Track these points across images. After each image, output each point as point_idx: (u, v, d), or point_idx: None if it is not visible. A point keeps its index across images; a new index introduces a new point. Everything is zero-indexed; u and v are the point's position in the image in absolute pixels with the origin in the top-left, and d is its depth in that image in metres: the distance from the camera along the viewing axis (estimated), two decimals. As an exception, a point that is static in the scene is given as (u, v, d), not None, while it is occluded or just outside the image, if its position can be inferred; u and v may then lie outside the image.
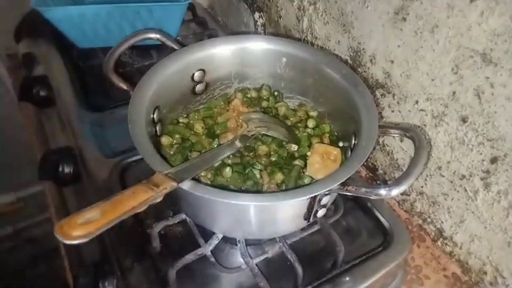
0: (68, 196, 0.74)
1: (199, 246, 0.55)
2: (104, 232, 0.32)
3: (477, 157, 0.52)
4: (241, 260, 0.55)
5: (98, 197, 0.35)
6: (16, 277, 1.58)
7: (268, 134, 0.58)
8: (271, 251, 0.57)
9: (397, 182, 0.42)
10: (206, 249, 0.55)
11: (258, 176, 0.54)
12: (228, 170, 0.52)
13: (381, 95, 0.65)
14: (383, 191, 0.41)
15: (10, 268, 1.62)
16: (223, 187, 0.52)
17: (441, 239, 0.63)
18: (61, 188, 0.74)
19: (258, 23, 0.95)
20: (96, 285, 0.52)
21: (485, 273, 0.57)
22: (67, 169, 0.71)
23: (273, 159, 0.57)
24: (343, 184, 0.43)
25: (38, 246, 1.67)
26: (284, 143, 0.58)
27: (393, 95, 0.62)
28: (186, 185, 0.41)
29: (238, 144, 0.54)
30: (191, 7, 1.08)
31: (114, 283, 0.53)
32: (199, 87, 0.62)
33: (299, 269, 0.52)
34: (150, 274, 0.54)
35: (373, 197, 0.42)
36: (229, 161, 0.55)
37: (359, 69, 0.67)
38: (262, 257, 0.56)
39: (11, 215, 1.60)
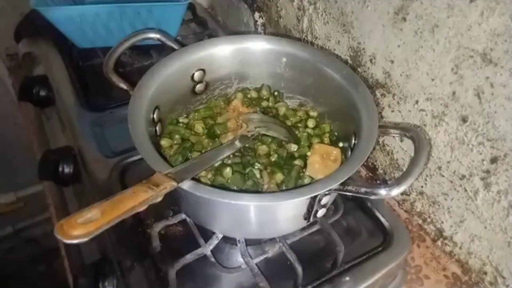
0: (68, 196, 0.74)
1: (199, 246, 0.55)
2: (104, 232, 0.32)
3: (477, 157, 0.52)
4: (241, 260, 0.55)
5: (98, 197, 0.35)
6: (16, 277, 1.58)
7: (268, 134, 0.58)
8: (271, 251, 0.57)
9: (397, 182, 0.42)
10: (206, 249, 0.55)
11: (258, 176, 0.54)
12: (228, 170, 0.52)
13: (381, 95, 0.65)
14: (383, 191, 0.41)
15: (10, 268, 1.62)
16: (223, 187, 0.52)
17: (441, 239, 0.63)
18: (61, 188, 0.74)
19: (258, 23, 0.95)
20: (96, 285, 0.52)
21: (485, 273, 0.57)
22: (67, 169, 0.71)
23: (273, 159, 0.57)
24: (343, 184, 0.43)
25: (38, 246, 1.67)
26: (284, 143, 0.58)
27: (393, 95, 0.62)
28: (186, 185, 0.41)
29: (237, 144, 0.54)
30: (191, 7, 1.08)
31: (114, 283, 0.53)
32: (199, 87, 0.62)
33: (299, 269, 0.52)
34: (150, 274, 0.54)
35: (373, 197, 0.42)
36: (229, 161, 0.55)
37: (359, 69, 0.67)
38: (262, 257, 0.56)
39: (11, 215, 1.60)
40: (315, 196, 0.43)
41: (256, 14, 0.94)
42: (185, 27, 1.02)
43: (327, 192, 0.43)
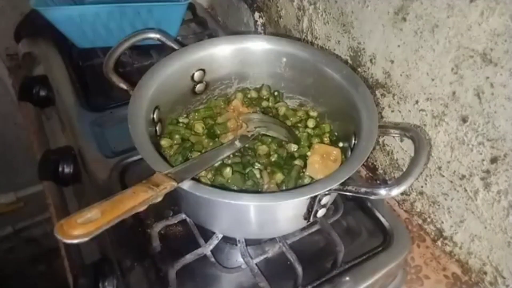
0: (68, 196, 0.74)
1: (199, 246, 0.55)
2: (104, 232, 0.32)
3: (477, 157, 0.52)
4: (241, 260, 0.55)
5: (98, 197, 0.35)
6: (16, 277, 1.58)
7: (268, 134, 0.58)
8: (271, 251, 0.57)
9: (397, 182, 0.42)
10: (206, 249, 0.55)
11: (258, 176, 0.54)
12: (228, 170, 0.52)
13: (381, 95, 0.65)
14: (383, 191, 0.41)
15: (10, 268, 1.62)
16: (223, 187, 0.52)
17: (441, 239, 0.63)
18: (61, 188, 0.74)
19: (258, 23, 0.95)
20: (96, 285, 0.52)
21: (485, 273, 0.57)
22: (67, 169, 0.71)
23: (273, 159, 0.57)
24: (343, 184, 0.43)
25: (38, 246, 1.67)
26: (284, 143, 0.58)
27: (393, 95, 0.62)
28: (186, 185, 0.41)
29: (237, 144, 0.54)
30: (191, 7, 1.08)
31: (114, 283, 0.53)
32: (199, 87, 0.62)
33: (299, 269, 0.52)
34: (150, 274, 0.54)
35: (373, 197, 0.42)
36: (229, 161, 0.55)
37: (359, 69, 0.67)
38: (262, 257, 0.56)
39: (11, 215, 1.60)
40: (315, 196, 0.43)
41: (256, 14, 0.94)
42: (185, 27, 1.02)
43: (327, 192, 0.43)
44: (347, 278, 0.54)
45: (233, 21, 1.08)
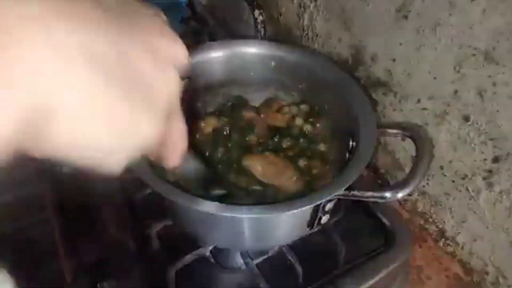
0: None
1: (198, 246, 0.55)
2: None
3: (479, 156, 0.52)
4: (241, 260, 0.54)
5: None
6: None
7: None
8: (271, 252, 0.56)
9: (403, 183, 0.41)
10: (206, 249, 0.55)
11: None
12: None
13: (383, 93, 0.64)
14: (388, 194, 0.41)
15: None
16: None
17: (443, 239, 0.63)
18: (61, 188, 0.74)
19: (258, 20, 0.94)
20: (96, 285, 0.52)
21: (487, 273, 0.57)
22: (66, 169, 0.70)
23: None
24: (348, 189, 0.42)
25: (38, 246, 1.67)
26: None
27: (395, 93, 0.62)
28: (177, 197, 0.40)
29: None
30: (191, 5, 1.08)
31: (113, 283, 0.53)
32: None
33: (300, 270, 0.52)
34: (149, 274, 0.53)
35: (378, 201, 0.42)
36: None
37: (360, 68, 0.67)
38: (262, 258, 0.56)
39: (11, 215, 1.60)
40: (319, 204, 0.43)
41: (256, 12, 0.94)
42: (184, 25, 1.02)
43: (332, 199, 0.42)
44: (348, 279, 0.54)
45: (232, 19, 1.07)
